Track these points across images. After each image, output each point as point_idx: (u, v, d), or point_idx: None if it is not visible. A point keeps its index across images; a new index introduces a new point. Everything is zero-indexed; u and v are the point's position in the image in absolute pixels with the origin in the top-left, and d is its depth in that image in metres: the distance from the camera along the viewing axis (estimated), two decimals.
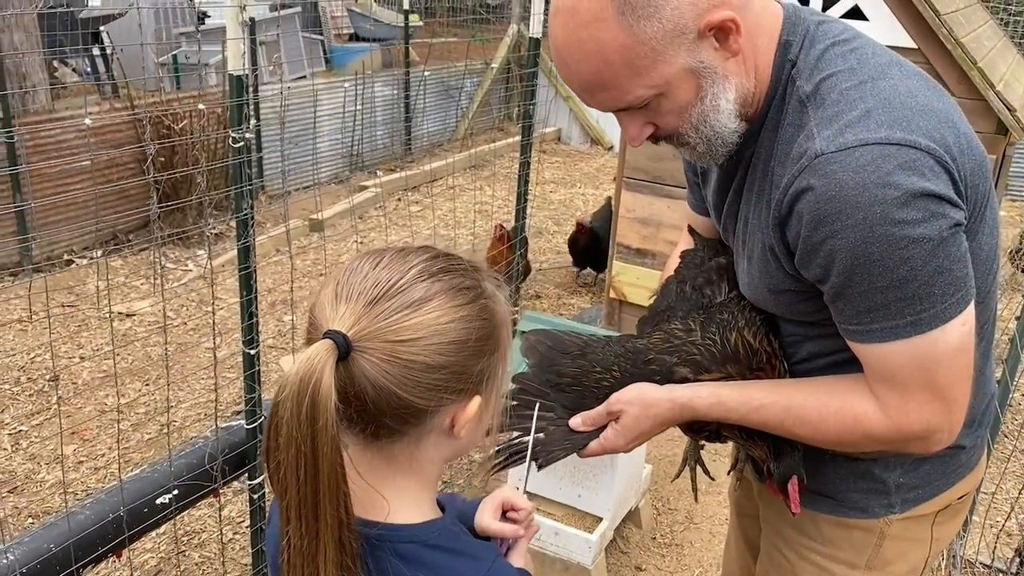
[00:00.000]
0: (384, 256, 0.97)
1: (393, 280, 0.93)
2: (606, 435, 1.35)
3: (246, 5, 1.94)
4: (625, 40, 1.08)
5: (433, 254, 0.98)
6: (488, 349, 0.96)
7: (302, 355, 0.88)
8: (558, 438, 1.39)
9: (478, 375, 0.96)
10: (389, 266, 0.95)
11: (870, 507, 1.34)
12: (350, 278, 0.94)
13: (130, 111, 5.37)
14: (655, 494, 3.33)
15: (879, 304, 1.09)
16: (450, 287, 0.95)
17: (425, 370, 0.91)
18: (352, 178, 7.24)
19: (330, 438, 0.85)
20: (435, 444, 0.98)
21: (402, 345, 0.90)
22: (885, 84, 1.11)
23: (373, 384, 0.89)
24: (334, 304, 0.93)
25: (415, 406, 0.92)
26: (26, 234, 4.92)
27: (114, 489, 2.03)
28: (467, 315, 0.94)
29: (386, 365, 0.90)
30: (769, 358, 1.30)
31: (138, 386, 3.91)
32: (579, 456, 1.39)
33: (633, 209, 4.03)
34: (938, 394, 1.13)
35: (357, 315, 0.91)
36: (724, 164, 1.29)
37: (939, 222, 1.05)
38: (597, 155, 8.53)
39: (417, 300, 0.92)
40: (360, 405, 0.91)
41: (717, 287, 1.42)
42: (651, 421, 1.32)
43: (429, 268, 0.95)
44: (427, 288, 0.93)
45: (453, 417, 0.96)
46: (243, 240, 2.12)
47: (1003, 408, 2.57)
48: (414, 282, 0.93)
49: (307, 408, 0.85)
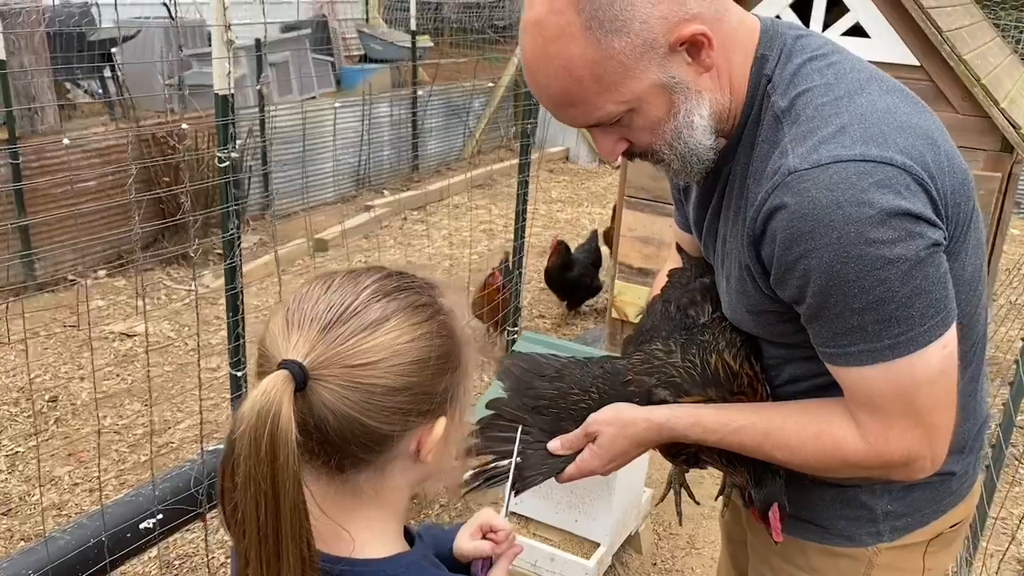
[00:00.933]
0: (335, 279, 0.93)
1: (347, 302, 0.90)
2: (582, 457, 1.32)
3: (231, 25, 1.93)
4: (593, 55, 1.05)
5: (386, 273, 0.95)
6: (450, 366, 0.93)
7: (256, 389, 0.83)
8: (535, 462, 1.36)
9: (442, 394, 0.92)
10: (341, 288, 0.91)
11: (857, 535, 1.29)
12: (301, 304, 0.91)
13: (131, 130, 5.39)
14: (656, 519, 3.27)
15: (856, 326, 1.05)
16: (407, 305, 0.91)
17: (388, 393, 0.88)
18: (359, 197, 7.25)
19: (291, 474, 0.81)
20: (402, 471, 0.95)
21: (361, 369, 0.86)
22: (862, 100, 1.08)
23: (334, 413, 0.86)
24: (286, 333, 0.89)
25: (380, 432, 0.89)
26: (30, 255, 4.94)
27: (96, 513, 2.00)
28: (426, 332, 0.91)
29: (346, 392, 0.86)
30: (751, 381, 1.27)
31: (137, 407, 3.89)
32: (557, 481, 1.35)
33: (634, 228, 4.00)
34: (919, 420, 1.09)
35: (312, 342, 0.87)
36: (703, 181, 1.25)
37: (916, 242, 1.01)
38: (605, 174, 8.50)
39: (373, 321, 0.89)
40: (322, 436, 0.87)
41: (701, 307, 1.39)
42: (628, 441, 1.28)
43: (383, 288, 0.92)
44: (383, 308, 0.90)
45: (419, 441, 0.93)
46: (229, 260, 2.10)
47: (1010, 431, 2.50)
48: (368, 303, 0.90)
49: (266, 444, 0.80)
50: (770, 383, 1.28)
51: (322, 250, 5.97)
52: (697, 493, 1.65)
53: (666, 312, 1.43)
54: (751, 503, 1.29)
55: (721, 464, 1.30)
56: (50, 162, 5.08)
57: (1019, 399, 2.47)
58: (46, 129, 5.73)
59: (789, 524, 1.31)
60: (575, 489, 2.72)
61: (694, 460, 1.33)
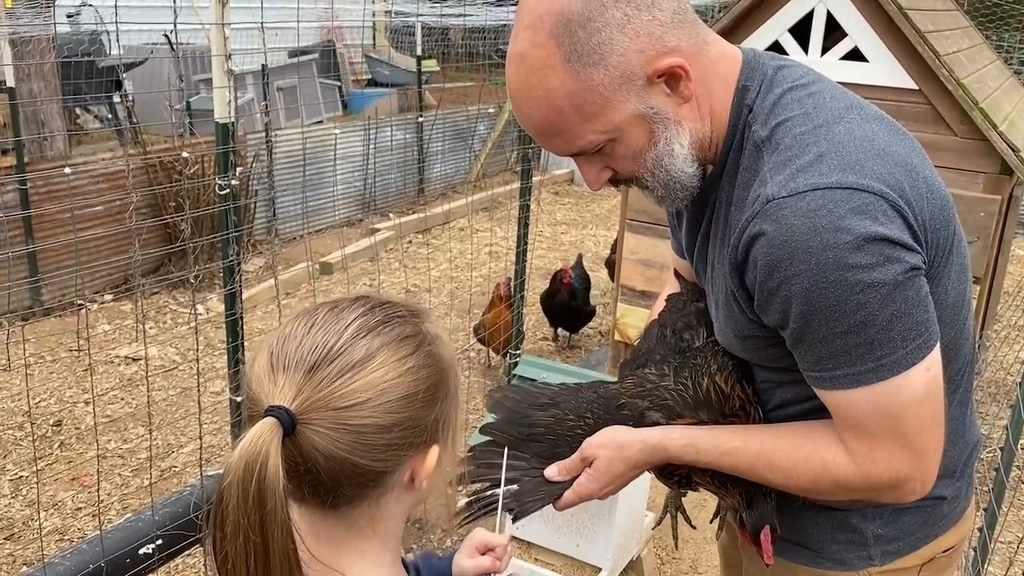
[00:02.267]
0: (317, 316, 0.93)
1: (330, 343, 0.89)
2: (579, 481, 1.32)
3: (231, 55, 1.96)
4: (573, 87, 1.08)
5: (369, 305, 0.94)
6: (439, 396, 0.94)
7: (245, 437, 0.84)
8: (532, 488, 1.36)
9: (433, 424, 0.93)
10: (324, 327, 0.91)
11: (848, 559, 1.29)
12: (284, 345, 0.90)
13: (136, 157, 5.45)
14: (659, 543, 3.26)
15: (839, 350, 1.07)
16: (392, 339, 0.91)
17: (378, 432, 0.88)
18: (365, 220, 7.29)
19: (280, 523, 0.81)
20: (396, 500, 0.95)
21: (350, 411, 0.86)
22: (840, 128, 1.10)
23: (325, 455, 0.86)
24: (271, 376, 0.88)
25: (372, 470, 0.89)
26: (37, 280, 4.98)
27: (95, 539, 2.01)
28: (413, 366, 0.91)
29: (336, 434, 0.86)
30: (743, 404, 1.28)
31: (141, 431, 3.90)
32: (555, 508, 1.36)
33: (636, 251, 4.01)
34: (906, 443, 1.10)
35: (298, 386, 0.87)
36: (692, 208, 1.28)
37: (894, 266, 1.03)
38: (609, 196, 8.52)
39: (359, 361, 0.88)
40: (314, 478, 0.87)
41: (696, 331, 1.41)
42: (624, 464, 1.29)
43: (367, 323, 0.92)
44: (367, 345, 0.90)
45: (412, 471, 0.93)
46: (229, 287, 2.12)
47: (1012, 453, 2.49)
48: (352, 341, 0.89)
49: (253, 494, 0.80)
50: (762, 407, 1.29)
51: (327, 273, 6.00)
52: (698, 516, 1.65)
53: (662, 336, 1.45)
54: (743, 525, 1.30)
55: (714, 486, 1.31)
56: (58, 188, 5.13)
57: (1020, 422, 2.46)
58: (55, 155, 5.80)
59: (781, 547, 1.32)
60: (576, 513, 2.71)
61: (687, 482, 1.34)
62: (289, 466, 0.84)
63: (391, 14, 10.68)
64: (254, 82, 7.56)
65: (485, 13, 8.13)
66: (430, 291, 5.70)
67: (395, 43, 11.01)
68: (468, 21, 8.94)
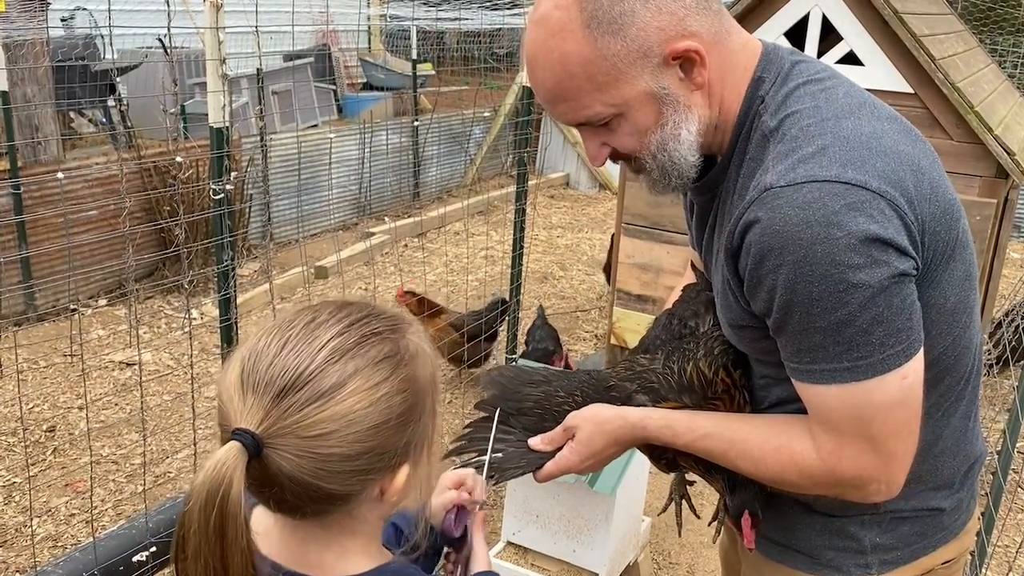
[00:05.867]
0: (292, 332, 0.90)
1: (302, 367, 0.87)
2: (561, 454, 1.35)
3: (226, 59, 1.95)
4: (589, 53, 1.09)
5: (347, 322, 0.91)
6: (413, 418, 0.92)
7: (210, 461, 0.83)
8: (515, 457, 1.39)
9: (404, 447, 0.92)
10: (296, 349, 0.88)
11: (845, 566, 1.29)
12: (256, 363, 0.88)
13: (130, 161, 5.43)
14: (656, 547, 3.25)
15: (818, 345, 1.07)
16: (366, 364, 0.89)
17: (343, 460, 0.87)
18: (360, 224, 7.28)
19: (240, 551, 0.81)
20: (369, 509, 0.95)
21: (316, 440, 0.85)
22: (848, 123, 1.09)
23: (290, 478, 0.86)
24: (241, 395, 0.87)
25: (337, 493, 0.88)
26: (31, 285, 4.95)
27: (88, 546, 2.00)
28: (387, 392, 0.89)
29: (302, 460, 0.85)
30: (727, 389, 1.30)
31: (135, 436, 3.88)
32: (535, 479, 1.38)
33: (632, 255, 4.00)
34: (873, 445, 1.10)
35: (265, 409, 0.86)
36: (702, 199, 1.29)
37: (881, 270, 1.03)
38: (605, 200, 8.53)
39: (328, 389, 0.86)
40: (279, 497, 0.87)
41: (702, 319, 1.43)
42: (604, 439, 1.31)
43: (342, 345, 0.89)
44: (340, 372, 0.87)
45: (382, 488, 0.93)
46: (223, 292, 2.11)
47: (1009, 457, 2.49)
48: (324, 367, 0.87)
49: (215, 521, 0.80)
50: (759, 404, 1.30)
51: (322, 277, 5.99)
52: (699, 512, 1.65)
53: (668, 324, 1.47)
54: (726, 510, 1.32)
55: (699, 470, 1.33)
56: (51, 192, 5.11)
57: (1017, 425, 2.46)
58: (49, 159, 5.77)
59: (779, 551, 1.33)
60: (573, 518, 2.70)
61: (673, 464, 1.36)
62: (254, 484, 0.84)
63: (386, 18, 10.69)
64: (249, 86, 7.55)
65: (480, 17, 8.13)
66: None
67: (390, 47, 11.00)
68: (463, 25, 8.95)
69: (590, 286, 6.17)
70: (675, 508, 1.60)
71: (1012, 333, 4.03)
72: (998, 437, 2.68)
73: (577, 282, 6.23)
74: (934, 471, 1.25)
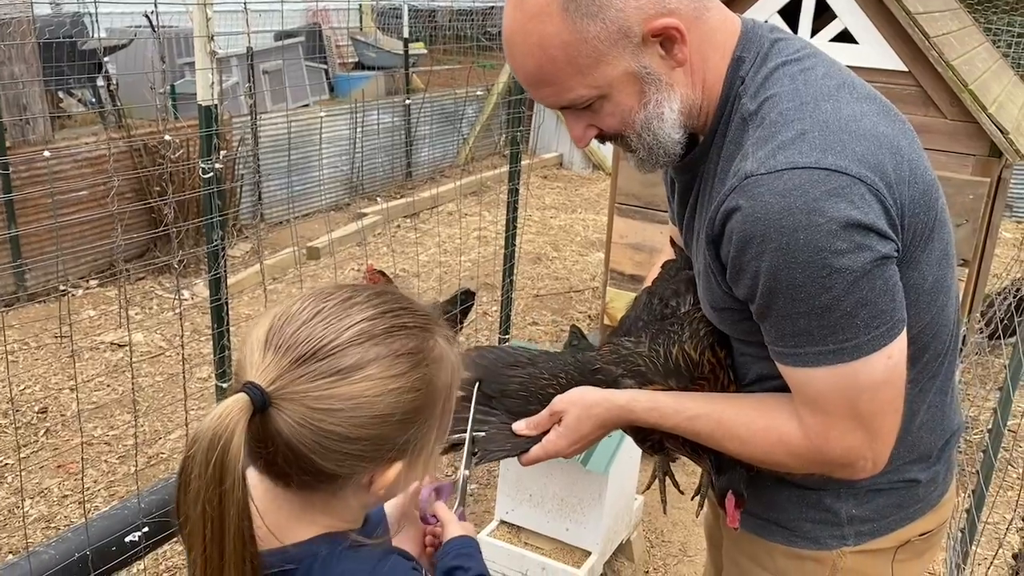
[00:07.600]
0: (327, 304, 0.90)
1: (327, 340, 0.87)
2: (548, 438, 1.34)
3: (214, 36, 1.92)
4: (568, 36, 1.08)
5: (382, 309, 0.91)
6: (418, 420, 0.92)
7: (216, 409, 0.85)
8: (499, 439, 1.39)
9: (402, 444, 0.91)
10: (327, 321, 0.89)
11: (822, 538, 1.30)
12: (286, 325, 0.89)
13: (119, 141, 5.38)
14: (648, 526, 3.27)
15: (802, 329, 1.08)
16: (389, 353, 0.89)
17: (342, 440, 0.87)
18: (352, 204, 7.24)
19: (236, 500, 0.82)
20: (353, 494, 0.95)
21: (320, 413, 0.86)
22: (828, 106, 1.09)
23: (286, 443, 0.86)
24: (262, 351, 0.88)
25: (327, 471, 0.89)
26: (21, 264, 4.92)
27: (81, 527, 1.99)
28: (400, 387, 0.89)
29: (302, 429, 0.86)
30: (713, 368, 1.30)
31: (127, 417, 3.87)
32: (521, 463, 1.38)
33: (625, 235, 3.99)
34: (861, 423, 1.11)
35: (281, 370, 0.86)
36: (683, 177, 1.28)
37: (863, 254, 1.03)
38: (599, 180, 8.51)
39: (346, 368, 0.87)
40: (271, 459, 0.88)
41: (683, 298, 1.42)
42: (592, 422, 1.31)
43: (370, 330, 0.89)
44: (362, 354, 0.88)
45: (372, 477, 0.92)
46: (214, 272, 2.09)
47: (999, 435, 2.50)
48: (348, 345, 0.88)
49: (215, 467, 0.82)
50: (740, 381, 1.31)
51: (314, 258, 5.96)
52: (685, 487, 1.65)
53: (648, 304, 1.46)
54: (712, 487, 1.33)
55: (686, 451, 1.33)
56: (40, 172, 5.06)
57: (1008, 403, 2.47)
58: (37, 139, 5.72)
59: (757, 525, 1.35)
60: (566, 497, 2.71)
61: (659, 446, 1.36)
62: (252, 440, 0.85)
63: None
64: (239, 65, 7.48)
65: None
66: (418, 276, 5.68)
67: (382, 25, 10.91)
68: (456, 3, 8.87)
69: (583, 267, 6.16)
70: (659, 485, 1.60)
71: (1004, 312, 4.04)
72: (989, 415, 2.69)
73: (571, 263, 6.22)
74: (912, 445, 1.26)
